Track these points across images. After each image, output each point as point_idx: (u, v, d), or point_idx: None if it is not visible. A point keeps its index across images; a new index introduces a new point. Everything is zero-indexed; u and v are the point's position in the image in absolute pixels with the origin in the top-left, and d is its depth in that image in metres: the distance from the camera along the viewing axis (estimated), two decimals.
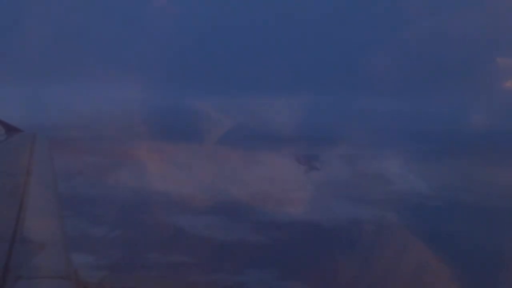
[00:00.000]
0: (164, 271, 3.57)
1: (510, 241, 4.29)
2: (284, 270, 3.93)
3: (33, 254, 1.04)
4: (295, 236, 4.86)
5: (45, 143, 2.45)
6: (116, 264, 3.63)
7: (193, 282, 3.19)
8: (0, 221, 1.24)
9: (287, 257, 4.29)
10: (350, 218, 5.55)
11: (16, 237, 1.12)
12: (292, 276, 3.84)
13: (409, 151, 8.57)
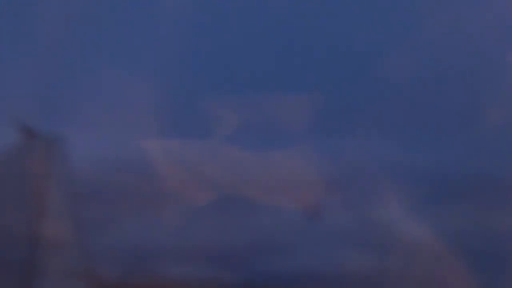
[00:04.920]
0: None
1: None
2: None
3: (52, 254, 1.13)
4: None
5: (63, 147, 2.56)
6: None
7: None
8: (20, 222, 1.35)
9: None
10: (353, 265, 5.42)
11: (34, 237, 1.23)
12: None
13: (415, 196, 8.40)
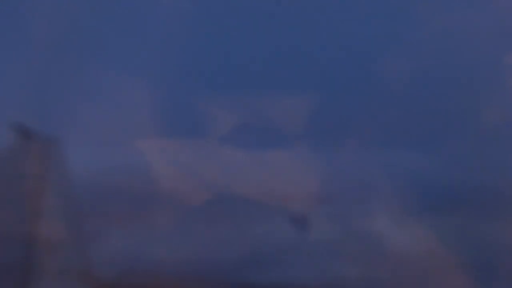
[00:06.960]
0: None
1: None
2: None
3: (49, 255, 1.13)
4: None
5: (60, 148, 2.54)
6: None
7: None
8: (16, 224, 1.35)
9: None
10: (344, 277, 5.47)
11: (30, 239, 1.23)
12: None
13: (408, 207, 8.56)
